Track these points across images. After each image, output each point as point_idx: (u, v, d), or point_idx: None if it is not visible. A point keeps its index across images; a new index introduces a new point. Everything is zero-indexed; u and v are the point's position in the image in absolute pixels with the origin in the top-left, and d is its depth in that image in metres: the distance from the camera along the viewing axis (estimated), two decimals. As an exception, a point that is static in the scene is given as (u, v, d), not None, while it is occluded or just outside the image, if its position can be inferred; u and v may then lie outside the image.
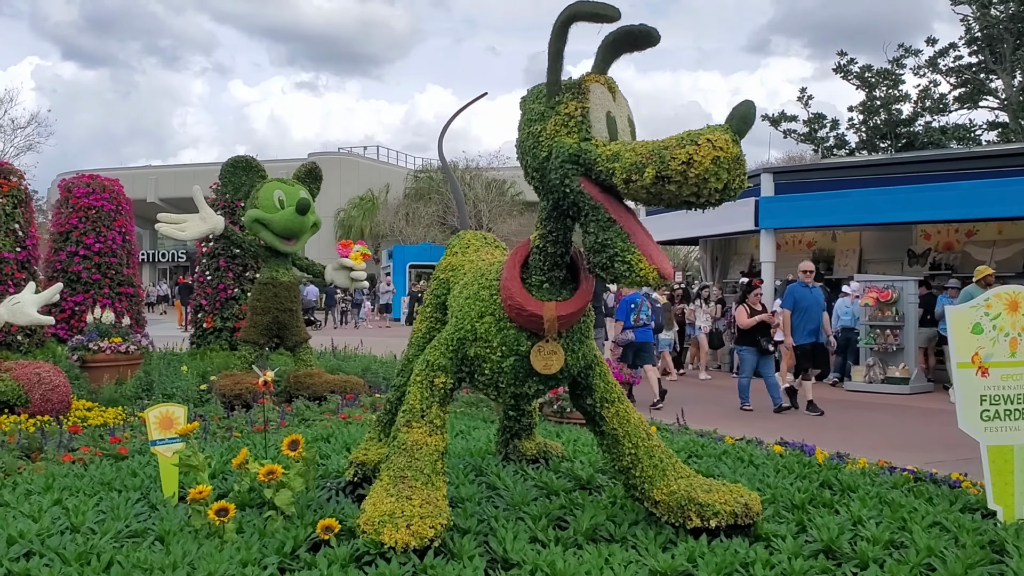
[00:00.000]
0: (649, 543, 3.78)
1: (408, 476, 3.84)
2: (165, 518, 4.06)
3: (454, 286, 4.77)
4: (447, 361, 4.11)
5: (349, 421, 7.46)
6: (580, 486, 4.93)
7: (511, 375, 4.00)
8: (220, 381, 8.84)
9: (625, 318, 11.24)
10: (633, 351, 11.27)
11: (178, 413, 4.68)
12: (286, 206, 9.04)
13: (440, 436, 4.04)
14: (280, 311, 9.31)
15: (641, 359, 11.36)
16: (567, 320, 3.87)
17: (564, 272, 3.92)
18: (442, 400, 4.11)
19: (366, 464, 4.83)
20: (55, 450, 5.94)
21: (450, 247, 5.12)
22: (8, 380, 7.39)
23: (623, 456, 4.13)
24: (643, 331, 11.28)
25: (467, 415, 8.02)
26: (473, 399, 8.80)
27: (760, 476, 5.08)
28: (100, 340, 9.01)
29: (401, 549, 3.49)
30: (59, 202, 12.25)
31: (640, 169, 3.31)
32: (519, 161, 3.87)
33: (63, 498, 4.44)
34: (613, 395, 4.22)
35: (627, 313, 11.23)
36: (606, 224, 3.52)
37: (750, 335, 11.13)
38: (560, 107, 3.61)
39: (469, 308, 4.06)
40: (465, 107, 5.88)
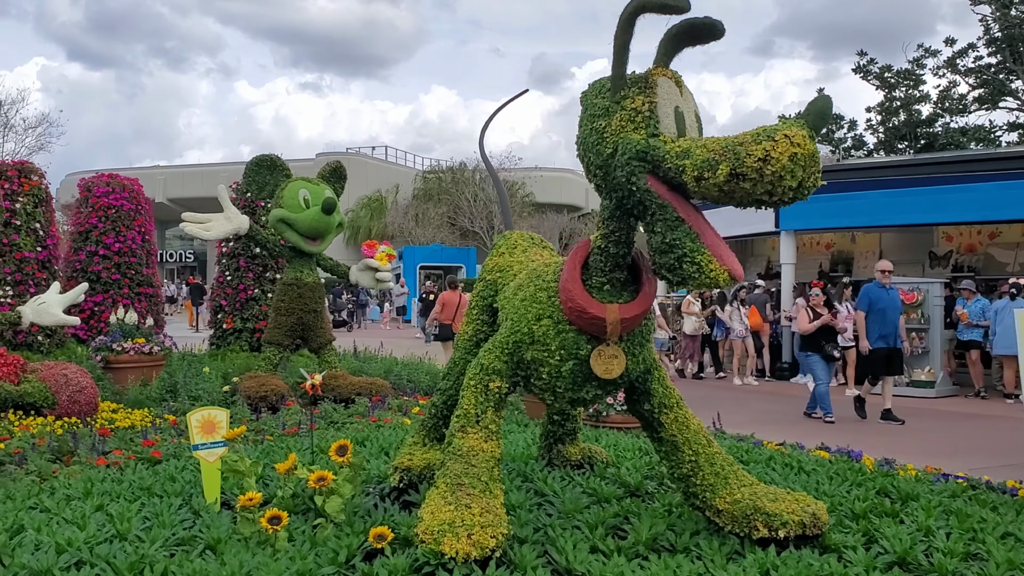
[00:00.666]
0: (714, 554, 3.66)
1: (465, 483, 3.72)
2: (212, 525, 3.95)
3: (503, 288, 4.65)
4: (502, 365, 3.99)
5: (380, 424, 7.34)
6: (630, 493, 4.80)
7: (569, 379, 3.88)
8: (245, 383, 8.73)
9: None
10: None
11: (220, 417, 4.57)
12: (311, 205, 8.93)
13: (496, 442, 3.92)
14: (304, 312, 9.20)
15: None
16: (630, 323, 3.75)
17: (626, 273, 3.81)
18: (497, 405, 3.99)
19: (411, 470, 4.71)
20: (87, 453, 5.83)
21: (496, 248, 5.00)
22: (35, 382, 7.29)
23: (683, 463, 4.00)
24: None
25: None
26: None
27: (814, 483, 4.94)
28: (123, 341, 8.90)
29: (462, 560, 3.37)
30: (78, 201, 12.16)
31: (713, 166, 3.20)
32: (580, 158, 3.75)
33: (104, 504, 4.33)
34: (671, 400, 4.10)
35: None
36: (674, 223, 3.40)
37: (813, 340, 10.69)
38: (626, 102, 3.49)
39: (525, 310, 3.94)
40: (506, 104, 5.77)
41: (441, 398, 4.86)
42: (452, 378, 4.83)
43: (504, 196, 5.35)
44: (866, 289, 10.91)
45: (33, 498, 4.45)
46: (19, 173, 10.74)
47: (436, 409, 4.89)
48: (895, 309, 10.73)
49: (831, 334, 10.72)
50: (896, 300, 10.88)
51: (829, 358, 10.55)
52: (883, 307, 10.61)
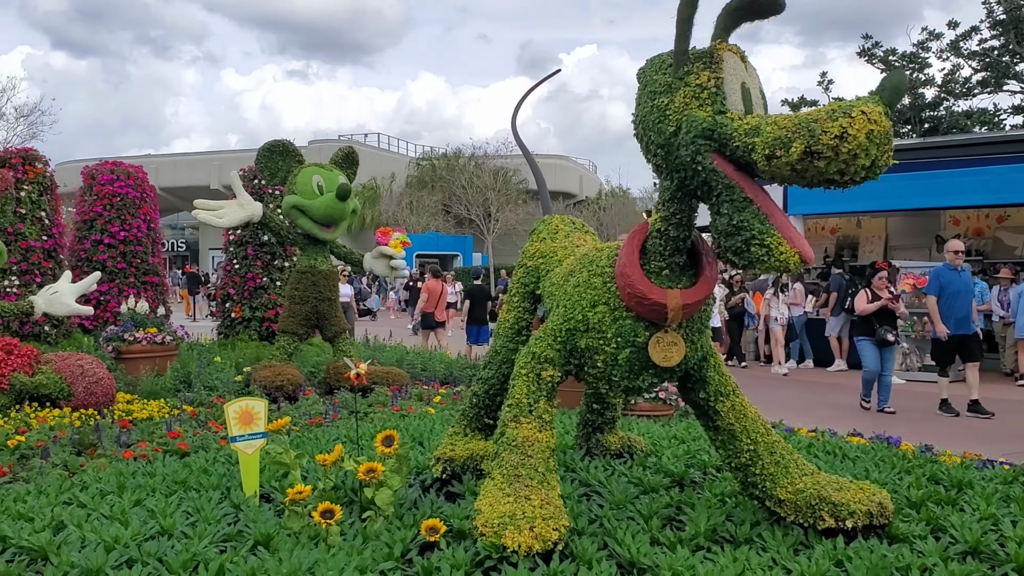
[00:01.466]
0: (779, 545, 3.55)
1: (523, 475, 3.61)
2: (257, 520, 3.83)
3: (547, 274, 4.54)
4: (554, 353, 3.88)
5: (403, 414, 7.22)
6: (676, 482, 4.70)
7: (626, 368, 3.77)
8: (260, 372, 8.60)
9: None
10: None
11: (258, 408, 4.44)
12: (325, 192, 8.78)
13: (550, 432, 3.81)
14: (319, 300, 9.06)
15: None
16: (691, 309, 3.64)
17: (685, 257, 3.69)
18: (549, 394, 3.88)
19: (454, 460, 4.60)
20: (111, 446, 5.70)
21: (536, 233, 4.87)
22: (50, 373, 7.14)
23: (741, 452, 3.90)
24: None
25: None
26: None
27: (862, 471, 4.85)
28: (135, 331, 8.75)
29: (524, 553, 3.26)
30: (82, 189, 11.95)
31: (786, 144, 3.08)
32: (638, 137, 3.62)
33: (141, 499, 4.20)
34: (728, 388, 3.99)
35: None
36: (741, 204, 3.29)
37: (868, 324, 10.36)
38: (690, 78, 3.36)
39: (579, 297, 3.82)
40: (538, 84, 5.64)
41: (483, 387, 4.74)
42: (494, 367, 4.71)
43: (542, 180, 5.21)
44: (937, 272, 10.40)
45: (66, 493, 4.32)
46: (23, 161, 10.54)
47: (477, 399, 4.77)
48: (968, 292, 10.24)
49: (888, 318, 10.35)
50: (969, 282, 10.36)
51: (882, 343, 10.17)
52: (956, 290, 10.10)
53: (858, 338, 10.60)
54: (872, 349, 10.29)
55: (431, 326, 15.62)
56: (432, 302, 15.37)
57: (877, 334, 10.19)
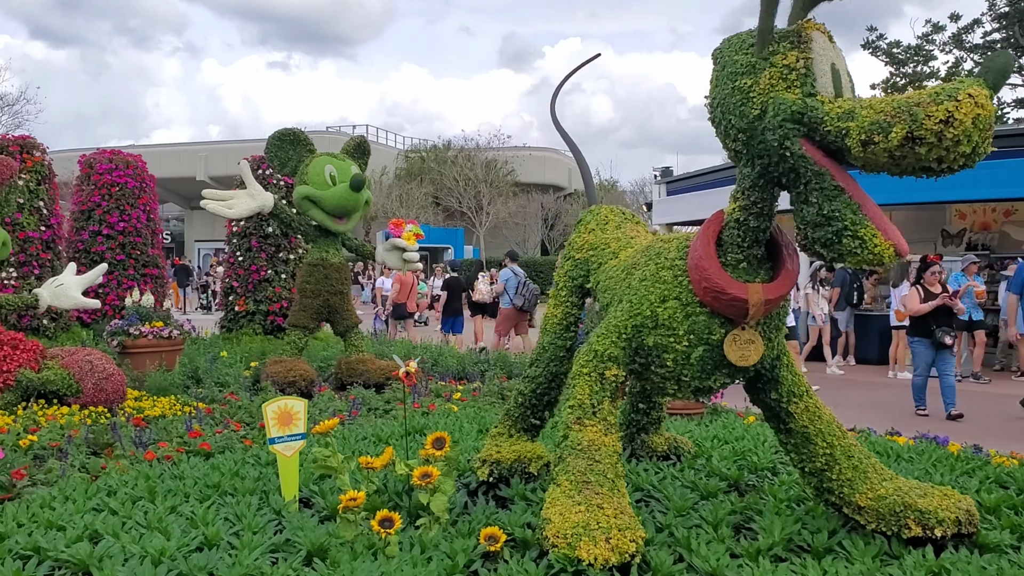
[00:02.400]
0: (863, 555, 3.36)
1: (592, 481, 3.39)
2: (304, 528, 3.60)
3: (599, 267, 4.31)
4: (618, 351, 3.65)
5: (425, 411, 6.98)
6: (732, 487, 4.50)
7: (698, 367, 3.55)
8: (270, 367, 8.34)
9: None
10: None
11: (298, 408, 4.20)
12: (338, 182, 8.52)
13: (615, 435, 3.59)
14: (331, 294, 8.81)
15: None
16: (772, 305, 3.43)
17: (763, 249, 3.48)
18: (613, 395, 3.66)
19: (500, 463, 4.37)
20: (129, 446, 5.44)
21: (583, 224, 4.64)
22: (57, 369, 6.85)
23: (815, 457, 3.69)
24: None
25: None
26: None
27: (921, 473, 4.66)
28: (141, 325, 8.46)
29: (601, 566, 3.05)
30: (80, 179, 11.61)
31: (885, 129, 2.88)
32: (715, 121, 3.40)
33: (176, 505, 3.96)
34: (801, 389, 3.78)
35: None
36: (832, 193, 3.08)
37: (923, 324, 9.62)
38: (776, 58, 3.15)
39: (647, 291, 3.60)
40: (578, 68, 5.41)
41: (529, 386, 4.52)
42: (541, 365, 4.49)
43: (586, 168, 4.98)
44: (1022, 267, 9.70)
45: (94, 499, 4.07)
46: (21, 149, 10.19)
47: (523, 398, 4.54)
48: None
49: (945, 317, 9.61)
50: None
51: (939, 345, 9.50)
52: None
53: (912, 339, 9.95)
54: (927, 352, 9.63)
55: (403, 316, 15.66)
56: (404, 293, 15.40)
57: (934, 336, 9.50)
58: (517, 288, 13.82)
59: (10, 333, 7.02)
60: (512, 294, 13.83)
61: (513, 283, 13.94)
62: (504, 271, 14.65)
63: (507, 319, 14.32)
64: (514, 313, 14.08)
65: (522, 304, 13.88)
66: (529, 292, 13.89)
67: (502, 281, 14.42)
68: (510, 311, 14.11)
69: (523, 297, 13.82)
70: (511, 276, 14.07)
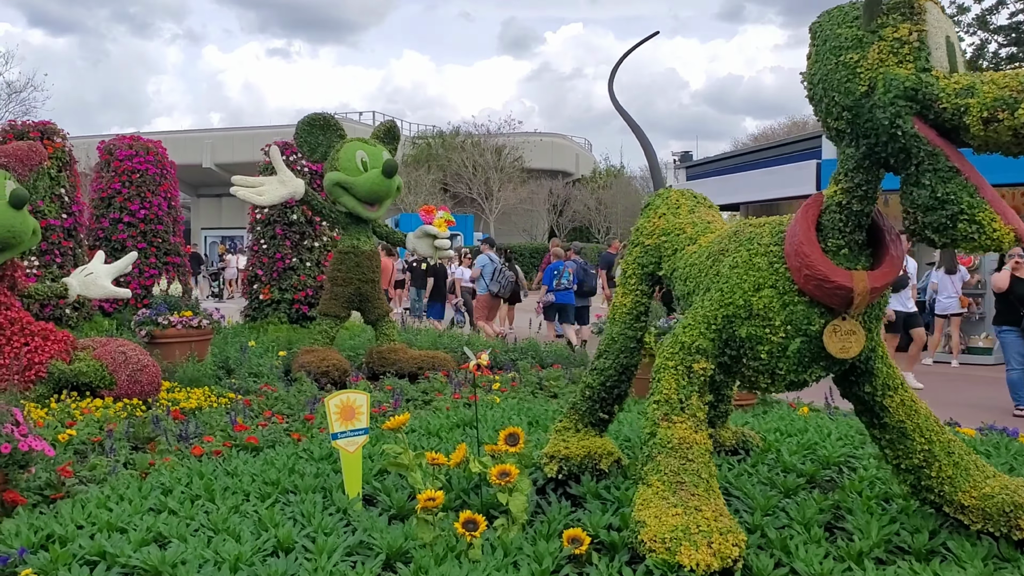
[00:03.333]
0: (971, 558, 3.17)
1: (686, 481, 3.21)
2: (376, 529, 3.42)
3: (674, 253, 4.11)
4: (708, 343, 3.46)
5: (466, 402, 6.80)
6: (809, 482, 4.31)
7: (795, 360, 3.36)
8: (302, 357, 8.17)
9: (549, 283, 13.03)
10: (556, 310, 13.14)
11: (360, 401, 4.02)
12: (369, 168, 8.32)
13: (705, 432, 3.41)
14: (362, 282, 8.63)
15: (565, 317, 13.17)
16: (877, 293, 3.23)
17: (864, 234, 3.29)
18: (702, 389, 3.47)
19: (569, 459, 4.19)
20: (173, 440, 5.27)
21: (652, 209, 4.43)
22: (89, 360, 6.68)
23: (913, 453, 3.50)
24: (564, 294, 12.99)
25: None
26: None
27: (1005, 468, 4.47)
28: (169, 314, 8.29)
29: (703, 571, 2.87)
30: (99, 165, 11.42)
31: (1011, 106, 2.70)
32: (814, 99, 3.21)
33: (238, 504, 3.78)
34: (896, 381, 3.59)
35: (551, 279, 13.01)
36: (947, 175, 2.90)
37: (1011, 312, 8.92)
38: (886, 31, 2.95)
39: (739, 279, 3.40)
40: (635, 47, 5.20)
41: (598, 379, 4.33)
42: (611, 356, 4.29)
43: (651, 149, 4.77)
44: None
45: (150, 498, 3.89)
46: (41, 135, 9.99)
47: (591, 391, 4.35)
48: None
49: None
50: None
51: None
52: None
53: (1000, 329, 9.20)
54: (1018, 341, 8.90)
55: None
56: (385, 279, 15.26)
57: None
58: (493, 274, 13.87)
59: (40, 324, 6.85)
60: (488, 280, 13.89)
61: (489, 269, 13.94)
62: (481, 257, 14.59)
63: (484, 305, 14.31)
64: (489, 299, 14.13)
65: (497, 290, 13.93)
66: (504, 279, 13.96)
67: (478, 267, 14.39)
68: (486, 297, 14.17)
69: (498, 283, 13.87)
70: (487, 262, 14.03)
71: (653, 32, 5.19)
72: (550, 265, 13.42)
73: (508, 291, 14.18)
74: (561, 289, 12.94)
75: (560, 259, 13.53)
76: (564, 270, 12.99)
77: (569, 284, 13.00)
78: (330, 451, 4.72)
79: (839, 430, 5.41)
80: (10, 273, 6.76)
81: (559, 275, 12.92)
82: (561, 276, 12.93)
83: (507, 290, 14.11)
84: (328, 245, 11.53)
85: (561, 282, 12.89)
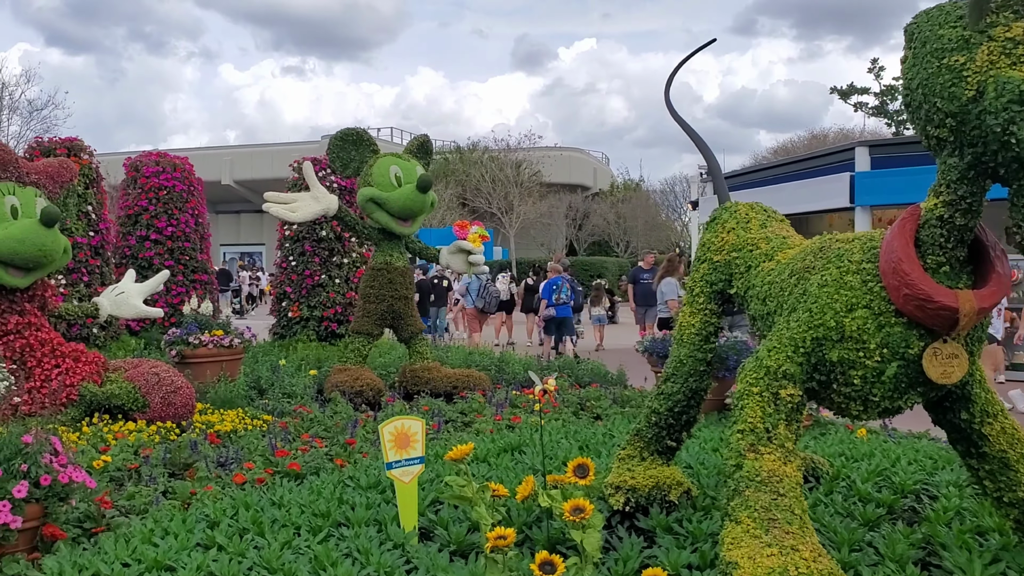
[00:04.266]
0: (1091, 601, 2.92)
1: (778, 519, 2.96)
2: (442, 568, 3.19)
3: (748, 270, 3.88)
4: (795, 368, 3.22)
5: (509, 424, 6.58)
6: (889, 511, 4.06)
7: (891, 385, 3.11)
8: (335, 376, 7.99)
9: (548, 297, 13.60)
10: (556, 324, 13.72)
11: (415, 428, 3.81)
12: (403, 183, 8.14)
13: (796, 464, 3.15)
14: (395, 299, 8.44)
15: (563, 331, 13.80)
16: (983, 314, 2.99)
17: (966, 251, 3.05)
18: (789, 417, 3.22)
19: (637, 490, 3.95)
20: (212, 466, 5.06)
21: (719, 223, 4.20)
22: (121, 382, 6.50)
23: (1017, 486, 3.24)
24: (562, 308, 13.63)
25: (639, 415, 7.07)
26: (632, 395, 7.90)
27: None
28: (200, 333, 8.11)
29: (805, 618, 2.62)
30: (126, 182, 11.30)
31: None
32: (912, 106, 2.97)
33: (289, 540, 3.56)
34: (995, 408, 3.33)
35: (550, 293, 13.60)
36: None
37: None
38: (998, 31, 2.71)
39: (830, 299, 3.17)
40: (692, 55, 4.99)
41: (665, 404, 4.09)
42: (679, 380, 4.06)
43: (714, 160, 4.55)
44: None
45: (197, 532, 3.68)
46: (68, 151, 9.87)
47: (658, 417, 4.12)
48: None
49: None
50: None
51: None
52: None
53: None
54: None
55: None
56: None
57: None
58: (479, 291, 14.67)
59: (71, 344, 6.69)
60: (474, 296, 14.63)
61: (475, 286, 14.68)
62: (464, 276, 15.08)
63: (473, 319, 15.24)
64: (476, 313, 14.97)
65: (483, 306, 14.84)
66: (489, 295, 14.87)
67: (464, 284, 15.16)
68: (473, 311, 15.06)
69: (483, 299, 14.77)
70: (473, 279, 14.63)
71: (710, 40, 4.98)
72: (548, 281, 14.12)
73: (493, 306, 15.11)
74: (560, 303, 13.63)
75: (558, 275, 14.21)
76: (562, 285, 13.70)
77: (567, 299, 13.71)
78: (377, 479, 4.51)
79: (906, 454, 5.15)
80: (40, 293, 6.61)
81: (557, 290, 13.60)
82: (560, 291, 13.62)
83: (492, 305, 15.03)
84: (357, 261, 11.35)
85: (560, 296, 13.58)
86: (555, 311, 13.66)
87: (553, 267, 15.23)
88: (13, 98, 32.64)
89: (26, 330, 6.40)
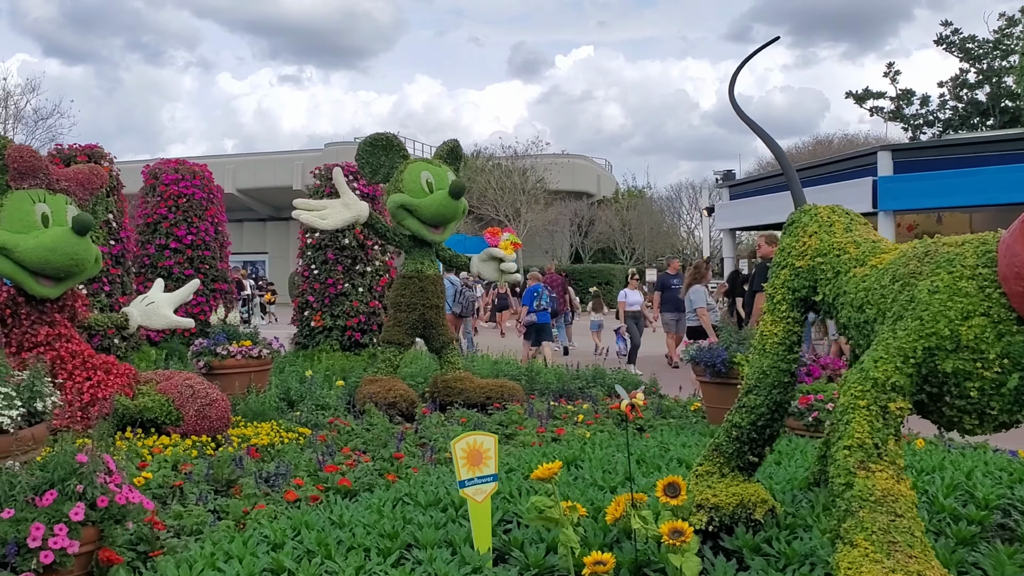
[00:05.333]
0: None
1: (899, 541, 2.77)
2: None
3: (837, 276, 3.69)
4: (905, 379, 3.03)
5: (554, 437, 6.38)
6: (979, 525, 3.86)
7: (1011, 398, 2.92)
8: (366, 387, 7.79)
9: (530, 304, 14.03)
10: (536, 330, 14.07)
11: (488, 444, 3.62)
12: (435, 189, 7.97)
13: (908, 481, 2.97)
14: (426, 308, 8.26)
15: (542, 337, 14.12)
16: (1115, 322, 2.80)
17: None
18: (898, 432, 3.04)
19: (720, 509, 3.75)
20: (259, 483, 4.87)
21: (800, 227, 4.02)
22: (154, 394, 6.32)
23: None
24: (543, 315, 14.07)
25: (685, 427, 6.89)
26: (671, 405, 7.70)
27: None
28: (228, 344, 7.92)
29: (940, 650, 2.43)
30: (144, 190, 11.11)
31: None
32: None
33: (362, 565, 3.37)
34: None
35: (531, 300, 14.01)
36: None
37: None
38: None
39: (942, 306, 2.98)
40: (755, 53, 4.82)
41: (747, 417, 3.89)
42: (762, 392, 3.86)
43: (787, 162, 4.37)
44: None
45: (261, 556, 3.48)
46: (89, 158, 9.68)
47: (740, 431, 3.92)
48: None
49: None
50: None
51: None
52: None
53: None
54: None
55: None
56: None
57: None
58: (455, 296, 15.32)
59: (102, 356, 6.50)
60: (451, 302, 14.92)
61: (450, 291, 14.99)
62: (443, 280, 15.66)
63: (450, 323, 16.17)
64: (453, 318, 15.35)
65: (460, 311, 15.63)
66: (465, 300, 15.83)
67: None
68: (450, 316, 15.39)
69: (460, 304, 15.59)
70: (448, 286, 14.99)
71: (774, 38, 4.81)
72: (529, 288, 14.59)
73: (470, 311, 16.13)
74: (540, 310, 14.06)
75: (537, 282, 14.78)
76: (543, 292, 14.19)
77: (546, 305, 14.20)
78: (437, 496, 4.32)
79: (978, 467, 4.95)
80: (71, 303, 6.43)
81: (538, 297, 14.07)
82: (540, 298, 14.06)
83: (468, 310, 16.01)
84: (380, 270, 11.17)
85: (541, 303, 14.00)
86: (536, 317, 14.06)
87: (533, 275, 15.97)
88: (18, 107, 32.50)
89: (56, 342, 6.21)
